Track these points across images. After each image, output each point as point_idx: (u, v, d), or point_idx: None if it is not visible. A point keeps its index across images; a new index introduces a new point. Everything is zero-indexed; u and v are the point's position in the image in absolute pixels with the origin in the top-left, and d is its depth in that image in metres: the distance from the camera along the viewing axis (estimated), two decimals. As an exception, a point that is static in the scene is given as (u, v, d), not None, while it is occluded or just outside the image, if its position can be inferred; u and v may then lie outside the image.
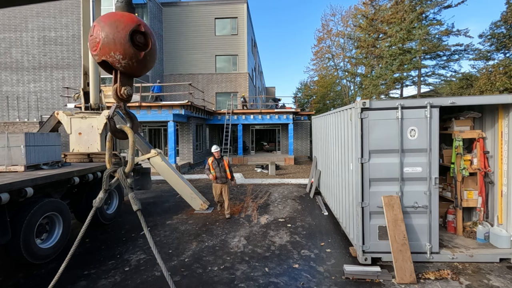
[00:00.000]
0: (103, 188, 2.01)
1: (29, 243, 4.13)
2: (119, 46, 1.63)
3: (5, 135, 4.94)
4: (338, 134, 5.72)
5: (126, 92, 1.82)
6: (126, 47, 1.64)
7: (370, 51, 22.28)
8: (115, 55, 1.64)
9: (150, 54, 1.78)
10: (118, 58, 1.65)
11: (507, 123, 4.37)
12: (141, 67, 1.79)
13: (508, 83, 12.03)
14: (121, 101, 1.89)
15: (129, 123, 2.04)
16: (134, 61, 1.70)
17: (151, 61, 1.84)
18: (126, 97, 1.85)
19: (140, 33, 1.70)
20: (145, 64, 1.79)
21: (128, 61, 1.68)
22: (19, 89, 18.76)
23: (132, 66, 1.72)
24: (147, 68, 1.87)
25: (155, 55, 1.86)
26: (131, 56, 1.67)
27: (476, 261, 4.23)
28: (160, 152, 7.23)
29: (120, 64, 1.68)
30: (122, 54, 1.65)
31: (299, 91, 42.97)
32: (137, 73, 1.85)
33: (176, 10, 22.56)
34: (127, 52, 1.65)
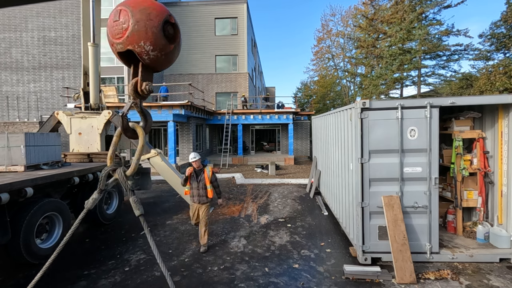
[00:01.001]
0: (99, 188, 1.85)
1: (29, 243, 4.13)
2: (151, 36, 1.50)
3: (5, 135, 4.94)
4: (338, 134, 5.72)
5: (147, 88, 1.69)
6: (158, 38, 1.52)
7: (370, 51, 22.28)
8: (144, 45, 1.51)
9: (178, 47, 1.70)
10: (148, 49, 1.52)
11: (507, 123, 4.37)
12: (167, 61, 1.68)
13: (508, 83, 12.03)
14: (138, 98, 1.76)
15: (142, 122, 1.92)
16: (163, 53, 1.59)
17: (176, 55, 1.74)
18: (147, 93, 1.73)
19: (171, 24, 1.60)
20: (172, 57, 1.69)
21: (157, 53, 1.56)
22: (19, 89, 18.76)
23: (160, 58, 1.60)
24: (171, 63, 1.76)
25: (180, 48, 1.77)
26: (161, 47, 1.56)
27: (476, 261, 4.23)
28: (160, 152, 7.23)
29: (148, 56, 1.55)
30: (153, 45, 1.52)
31: (299, 91, 42.98)
32: (161, 67, 1.72)
33: (176, 10, 22.56)
34: (158, 43, 1.53)
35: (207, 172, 4.89)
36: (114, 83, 18.30)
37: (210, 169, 4.96)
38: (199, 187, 4.83)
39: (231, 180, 11.86)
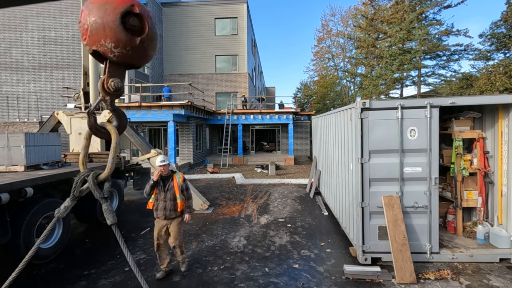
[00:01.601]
0: (72, 195, 1.70)
1: (29, 243, 4.13)
2: (110, 32, 1.37)
3: (5, 135, 4.94)
4: (338, 134, 5.71)
5: (113, 84, 1.57)
6: (118, 33, 1.39)
7: (370, 51, 22.28)
8: (105, 43, 1.39)
9: (148, 39, 1.51)
10: (110, 47, 1.40)
11: (507, 123, 4.37)
12: (139, 56, 1.54)
13: (508, 83, 12.03)
14: (107, 95, 1.63)
15: (115, 121, 1.78)
16: (128, 49, 1.45)
17: (150, 48, 1.58)
18: (113, 91, 1.60)
19: (134, 15, 1.44)
20: (143, 52, 1.54)
21: (121, 50, 1.43)
22: (19, 89, 18.76)
23: (127, 55, 1.47)
24: (147, 57, 1.62)
25: (154, 40, 1.59)
26: (125, 43, 1.42)
27: (476, 261, 4.23)
28: (160, 152, 7.23)
29: (113, 53, 1.44)
30: (114, 42, 1.40)
31: (299, 91, 42.98)
32: (135, 63, 1.60)
33: (176, 10, 22.56)
34: (119, 38, 1.40)
35: (176, 180, 4.03)
36: (114, 83, 18.26)
37: (180, 175, 4.14)
38: (167, 198, 3.95)
39: (231, 180, 11.87)
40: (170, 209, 3.95)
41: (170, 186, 4.00)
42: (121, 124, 1.80)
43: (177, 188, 3.99)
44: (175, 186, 4.00)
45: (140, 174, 7.93)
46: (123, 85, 1.64)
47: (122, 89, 1.66)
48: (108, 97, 1.64)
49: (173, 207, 3.96)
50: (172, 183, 4.03)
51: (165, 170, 4.01)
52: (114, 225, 1.75)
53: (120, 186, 6.96)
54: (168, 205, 3.94)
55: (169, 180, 4.05)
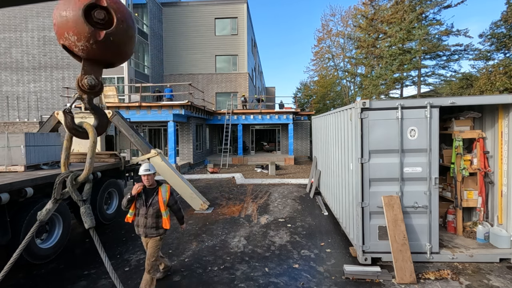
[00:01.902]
0: (53, 197, 1.66)
1: (29, 243, 4.12)
2: (72, 25, 1.34)
3: (5, 135, 4.94)
4: (338, 134, 5.71)
5: (86, 81, 1.52)
6: (79, 25, 1.34)
7: (370, 51, 22.28)
8: (69, 36, 1.36)
9: (116, 34, 1.43)
10: (73, 40, 1.36)
11: (507, 123, 4.37)
12: (106, 51, 1.46)
13: (508, 83, 12.03)
14: (84, 93, 1.58)
15: (95, 120, 1.74)
16: (92, 42, 1.38)
17: (121, 44, 1.49)
18: (88, 88, 1.55)
19: (101, 8, 1.38)
20: (111, 47, 1.45)
21: (85, 43, 1.38)
22: (19, 89, 18.76)
23: (92, 49, 1.40)
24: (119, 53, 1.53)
25: (125, 36, 1.49)
26: (87, 36, 1.36)
27: (476, 261, 4.23)
28: (160, 152, 7.23)
29: (77, 47, 1.39)
30: (77, 35, 1.35)
31: (299, 91, 42.98)
32: (102, 58, 1.51)
33: (176, 10, 22.56)
34: (82, 31, 1.35)
35: (162, 193, 3.48)
36: (114, 83, 18.29)
37: (167, 188, 3.57)
38: (148, 214, 3.41)
39: (231, 180, 11.87)
40: (151, 226, 3.42)
41: (154, 201, 3.43)
42: (101, 123, 1.74)
43: (162, 204, 3.43)
44: (160, 201, 3.44)
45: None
46: (99, 83, 1.58)
47: (99, 88, 1.60)
48: (85, 95, 1.60)
49: (155, 224, 3.42)
50: (156, 197, 3.46)
51: (149, 181, 3.49)
52: (92, 229, 1.67)
53: (120, 186, 6.96)
54: (149, 222, 3.41)
55: (153, 193, 3.49)
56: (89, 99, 1.64)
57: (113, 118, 7.14)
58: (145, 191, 3.52)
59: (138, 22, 19.40)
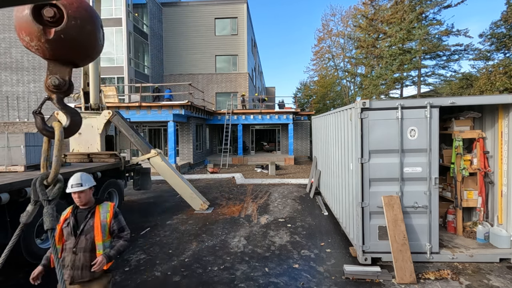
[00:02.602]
0: (32, 200, 1.62)
1: (29, 243, 4.13)
2: (24, 24, 1.32)
3: (5, 135, 4.94)
4: (338, 134, 5.72)
5: (50, 81, 1.49)
6: (29, 24, 1.32)
7: (370, 51, 22.29)
8: (23, 36, 1.35)
9: (68, 31, 1.36)
10: (27, 40, 1.35)
11: (507, 123, 4.37)
12: (60, 50, 1.41)
13: (508, 83, 12.03)
14: (51, 93, 1.55)
15: (67, 120, 1.68)
16: (43, 41, 1.34)
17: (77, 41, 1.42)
18: (53, 88, 1.51)
19: (51, 6, 1.33)
20: (65, 44, 1.39)
21: (37, 43, 1.35)
22: (19, 89, 18.76)
23: (45, 48, 1.37)
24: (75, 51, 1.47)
25: (79, 32, 1.41)
26: (37, 35, 1.33)
27: (476, 261, 4.23)
28: (160, 152, 7.23)
29: (33, 48, 1.37)
30: (28, 35, 1.33)
31: (299, 91, 42.98)
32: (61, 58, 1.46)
33: (176, 10, 22.57)
34: (31, 30, 1.32)
35: (101, 215, 2.39)
36: (114, 83, 18.29)
37: (109, 207, 2.48)
38: (78, 248, 2.29)
39: (231, 180, 11.87)
40: (82, 266, 2.27)
41: (88, 227, 2.34)
42: (73, 122, 1.70)
43: (98, 231, 2.32)
44: (96, 226, 2.33)
45: (140, 174, 7.94)
46: (65, 83, 1.54)
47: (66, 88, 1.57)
48: (53, 96, 1.56)
49: (88, 262, 2.27)
50: (91, 220, 2.36)
51: (82, 200, 2.38)
52: (50, 231, 1.64)
53: (120, 186, 6.96)
54: (80, 260, 2.27)
55: (89, 215, 2.38)
56: (58, 98, 1.59)
57: (113, 118, 7.14)
58: (75, 213, 2.40)
59: (138, 22, 19.41)
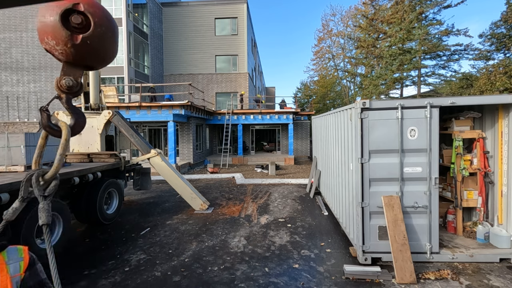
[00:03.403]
0: (20, 196, 1.63)
1: (29, 243, 4.12)
2: (51, 29, 1.40)
3: (5, 135, 4.94)
4: (338, 134, 5.72)
5: (64, 83, 1.56)
6: (57, 30, 1.40)
7: (370, 51, 22.29)
8: (48, 40, 1.42)
9: (93, 38, 1.48)
10: (52, 44, 1.43)
11: (507, 123, 4.37)
12: (83, 54, 1.51)
13: (508, 83, 12.04)
14: (62, 93, 1.62)
15: (71, 120, 1.76)
16: (69, 46, 1.44)
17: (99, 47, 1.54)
18: (65, 89, 1.59)
19: (78, 13, 1.43)
20: (89, 50, 1.50)
21: (63, 47, 1.43)
22: (19, 89, 18.76)
23: (70, 53, 1.46)
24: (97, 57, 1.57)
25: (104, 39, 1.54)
26: (64, 40, 1.42)
27: (476, 261, 4.22)
28: (160, 152, 7.23)
29: (57, 51, 1.45)
30: (55, 39, 1.41)
31: (299, 91, 42.99)
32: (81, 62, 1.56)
33: (176, 10, 22.57)
34: (58, 35, 1.41)
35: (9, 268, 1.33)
36: (114, 83, 18.29)
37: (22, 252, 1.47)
38: None
39: (231, 180, 11.87)
40: None
41: None
42: (77, 123, 1.76)
43: None
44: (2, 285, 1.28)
45: (140, 174, 7.94)
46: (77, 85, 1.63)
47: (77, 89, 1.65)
48: (63, 95, 1.63)
49: None
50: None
51: None
52: (45, 226, 1.60)
53: (120, 186, 6.96)
54: None
55: None
56: (67, 99, 1.67)
57: (113, 118, 7.14)
58: None
59: (138, 22, 19.41)
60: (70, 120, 1.74)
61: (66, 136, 1.61)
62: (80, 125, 1.79)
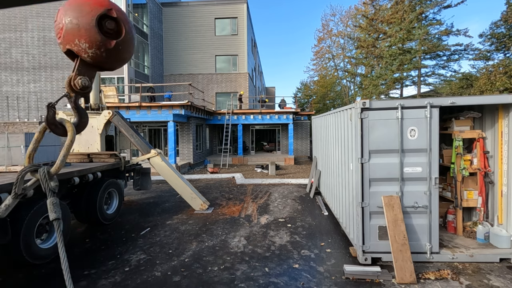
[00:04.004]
0: (14, 192, 1.60)
1: (29, 243, 4.12)
2: (84, 33, 1.42)
3: (5, 135, 4.94)
4: (338, 134, 5.72)
5: (80, 82, 1.57)
6: (92, 34, 1.43)
7: (370, 51, 22.29)
8: (80, 43, 1.44)
9: (124, 43, 1.55)
10: (84, 47, 1.45)
11: (507, 123, 4.37)
12: (113, 58, 1.57)
13: (508, 83, 12.04)
14: (73, 92, 1.62)
15: (75, 119, 1.76)
16: (103, 50, 1.49)
17: (125, 52, 1.60)
18: (80, 88, 1.60)
19: (111, 19, 1.49)
20: (118, 54, 1.56)
21: (95, 50, 1.47)
22: (19, 89, 18.76)
23: (101, 56, 1.50)
24: (121, 60, 1.63)
25: (130, 45, 1.62)
26: (99, 44, 1.46)
27: (476, 261, 4.22)
28: (160, 152, 7.23)
29: (87, 53, 1.47)
30: (88, 42, 1.44)
31: (299, 91, 43.00)
32: (107, 65, 1.61)
33: (176, 10, 22.57)
34: (94, 39, 1.44)
35: None
36: (114, 83, 18.29)
37: None
38: None
39: (231, 180, 11.87)
40: None
41: None
42: (81, 122, 1.77)
43: None
44: None
45: (140, 174, 7.94)
46: (90, 85, 1.64)
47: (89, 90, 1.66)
48: (73, 94, 1.64)
49: None
50: None
51: None
52: (57, 220, 1.59)
53: (120, 186, 6.96)
54: None
55: None
56: (76, 98, 1.69)
57: (113, 118, 7.14)
58: None
59: (138, 22, 19.41)
60: (74, 119, 1.74)
61: (72, 138, 1.62)
62: (83, 125, 1.81)
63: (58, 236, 1.55)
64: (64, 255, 1.56)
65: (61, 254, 1.57)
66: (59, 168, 1.61)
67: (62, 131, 1.68)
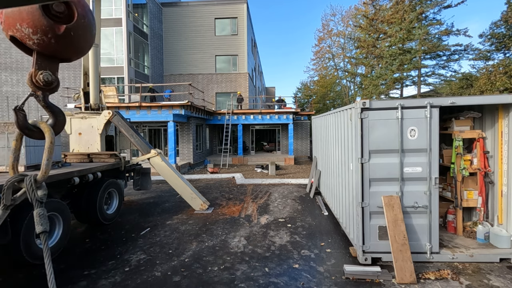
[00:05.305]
0: (3, 204, 1.49)
1: (29, 243, 4.12)
2: (26, 16, 1.23)
3: (5, 135, 4.94)
4: (338, 134, 5.72)
5: (42, 77, 1.41)
6: (36, 17, 1.23)
7: (370, 51, 22.29)
8: (22, 28, 1.25)
9: (77, 29, 1.35)
10: (27, 32, 1.26)
11: (507, 123, 4.37)
12: (65, 46, 1.37)
13: (508, 83, 12.04)
14: (38, 89, 1.46)
15: (51, 119, 1.61)
16: (50, 36, 1.29)
17: (81, 39, 1.40)
18: (44, 85, 1.43)
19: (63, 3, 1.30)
20: (70, 42, 1.36)
21: (41, 37, 1.28)
22: (19, 89, 18.76)
23: (49, 43, 1.31)
24: (77, 49, 1.44)
25: (86, 31, 1.40)
26: (45, 29, 1.27)
27: (476, 261, 4.22)
28: (160, 152, 7.23)
29: (32, 40, 1.28)
30: (32, 27, 1.25)
31: (299, 91, 43.00)
32: (59, 54, 1.41)
33: (176, 10, 22.57)
34: (38, 24, 1.24)
35: None
36: (114, 83, 18.29)
37: None
38: None
39: (231, 180, 11.87)
40: None
41: None
42: (57, 122, 1.62)
43: None
44: None
45: (140, 174, 7.94)
46: (56, 80, 1.48)
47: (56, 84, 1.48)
48: (39, 92, 1.48)
49: None
50: None
51: None
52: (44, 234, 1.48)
53: (120, 186, 6.96)
54: None
55: None
56: (44, 96, 1.51)
57: (113, 118, 7.14)
58: None
59: (138, 22, 19.41)
60: (49, 120, 1.58)
61: (51, 139, 1.48)
62: (61, 125, 1.65)
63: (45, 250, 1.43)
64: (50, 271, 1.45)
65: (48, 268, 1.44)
66: (46, 174, 1.50)
67: (38, 134, 1.53)
